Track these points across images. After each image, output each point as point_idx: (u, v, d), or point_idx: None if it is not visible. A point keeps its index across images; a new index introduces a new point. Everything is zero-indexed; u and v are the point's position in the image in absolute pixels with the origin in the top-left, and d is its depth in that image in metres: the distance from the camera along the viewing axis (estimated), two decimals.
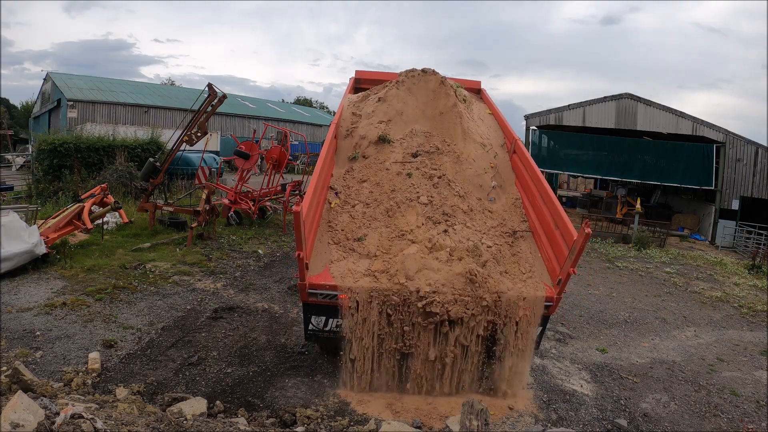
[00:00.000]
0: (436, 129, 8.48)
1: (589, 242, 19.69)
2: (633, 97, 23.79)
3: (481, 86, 11.36)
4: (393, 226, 6.82)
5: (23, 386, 4.64)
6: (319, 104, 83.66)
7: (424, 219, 6.86)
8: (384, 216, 7.02)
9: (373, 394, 6.12)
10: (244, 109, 44.58)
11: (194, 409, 5.13)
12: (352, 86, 10.97)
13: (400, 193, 7.28)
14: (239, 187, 15.47)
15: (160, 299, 8.78)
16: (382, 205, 7.19)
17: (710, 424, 6.38)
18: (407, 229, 6.72)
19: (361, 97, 9.83)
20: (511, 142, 8.69)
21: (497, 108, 10.08)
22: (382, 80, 10.47)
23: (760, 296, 12.99)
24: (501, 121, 9.59)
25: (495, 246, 6.72)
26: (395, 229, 6.76)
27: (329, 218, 7.06)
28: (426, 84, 8.84)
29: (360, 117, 8.87)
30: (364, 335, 5.93)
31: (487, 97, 10.78)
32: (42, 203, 15.43)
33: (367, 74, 11.49)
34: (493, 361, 6.17)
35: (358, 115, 8.95)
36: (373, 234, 6.73)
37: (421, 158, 7.88)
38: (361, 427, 5.39)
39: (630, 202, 24.10)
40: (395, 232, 6.73)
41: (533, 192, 7.37)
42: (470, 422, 3.30)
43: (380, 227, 6.83)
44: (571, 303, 10.90)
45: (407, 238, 6.59)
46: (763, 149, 21.91)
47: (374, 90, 9.78)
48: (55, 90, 35.91)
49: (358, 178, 7.79)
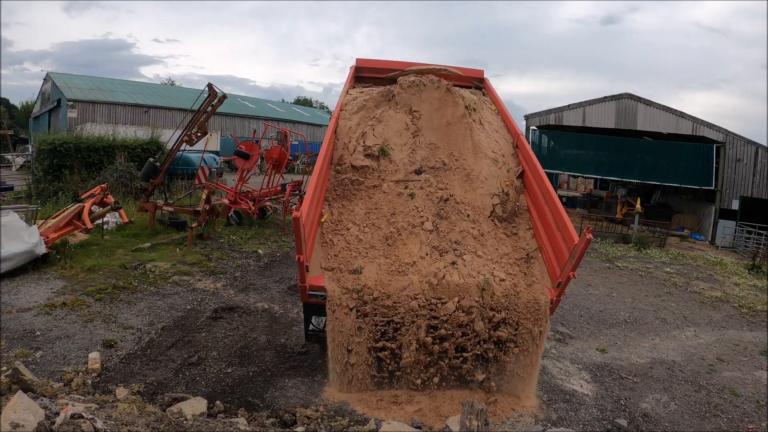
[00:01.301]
0: (443, 141, 7.70)
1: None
2: (633, 97, 23.79)
3: (485, 75, 10.60)
4: (393, 256, 6.26)
5: (23, 386, 4.64)
6: (319, 104, 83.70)
7: (429, 248, 6.31)
8: (383, 244, 6.43)
9: (374, 393, 6.11)
10: (244, 109, 44.58)
11: (194, 409, 5.13)
12: (353, 76, 10.20)
13: (401, 217, 6.67)
14: (239, 187, 15.47)
15: (160, 299, 8.78)
16: (381, 231, 6.58)
17: (710, 424, 6.38)
18: (409, 261, 6.17)
19: (359, 105, 8.68)
20: (515, 138, 8.31)
21: (501, 102, 9.49)
22: (385, 69, 9.96)
23: (760, 296, 12.99)
24: (506, 116, 9.07)
25: (509, 278, 6.19)
26: (395, 261, 6.20)
27: (322, 231, 6.63)
28: (430, 93, 8.01)
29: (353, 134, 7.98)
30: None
31: (491, 89, 10.08)
32: (42, 203, 15.43)
33: (368, 63, 10.54)
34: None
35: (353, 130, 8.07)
36: (371, 267, 6.16)
37: (425, 175, 7.20)
38: (361, 427, 5.39)
39: (630, 202, 24.11)
40: (395, 264, 6.16)
41: (535, 191, 7.19)
42: (470, 422, 3.31)
43: (378, 257, 6.28)
44: (571, 303, 10.90)
45: (409, 273, 6.04)
46: (763, 149, 21.91)
47: (372, 98, 8.86)
48: (55, 90, 35.92)
49: (350, 192, 7.18)
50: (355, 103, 8.75)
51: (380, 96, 8.46)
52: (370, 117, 8.09)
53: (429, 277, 5.96)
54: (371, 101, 8.51)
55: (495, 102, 9.68)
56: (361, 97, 9.00)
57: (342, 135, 7.96)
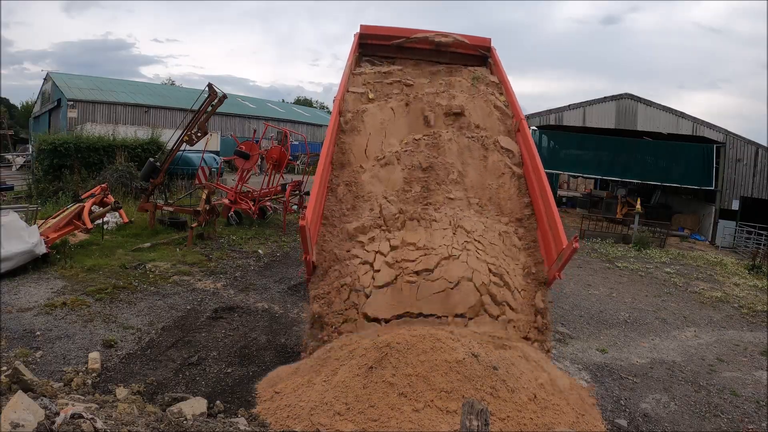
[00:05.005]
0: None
1: (588, 242, 19.42)
2: (633, 97, 23.79)
3: (491, 44, 10.07)
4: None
5: (23, 386, 4.64)
6: (319, 104, 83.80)
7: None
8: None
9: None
10: (244, 109, 44.58)
11: (194, 409, 5.12)
12: (357, 45, 9.72)
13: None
14: (239, 187, 15.47)
15: (160, 299, 8.78)
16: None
17: (710, 424, 6.37)
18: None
19: (358, 97, 8.44)
20: (517, 121, 8.14)
21: (507, 80, 9.11)
22: (390, 36, 9.71)
23: (760, 296, 12.99)
24: (510, 96, 8.72)
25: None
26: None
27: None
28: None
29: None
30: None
31: (498, 61, 9.64)
32: (42, 203, 15.43)
33: (373, 29, 9.99)
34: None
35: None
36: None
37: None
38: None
39: (630, 203, 24.11)
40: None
41: (532, 181, 7.13)
42: (470, 422, 3.30)
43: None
44: (571, 303, 10.90)
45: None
46: (763, 149, 21.90)
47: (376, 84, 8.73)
48: (55, 90, 35.94)
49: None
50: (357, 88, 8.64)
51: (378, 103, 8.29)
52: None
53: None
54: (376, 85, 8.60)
55: (500, 77, 9.34)
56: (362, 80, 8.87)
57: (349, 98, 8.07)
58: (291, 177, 21.02)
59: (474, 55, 10.19)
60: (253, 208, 15.14)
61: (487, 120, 8.35)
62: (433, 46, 9.98)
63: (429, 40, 9.90)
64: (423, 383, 4.72)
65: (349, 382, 4.82)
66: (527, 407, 4.63)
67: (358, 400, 4.66)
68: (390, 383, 4.73)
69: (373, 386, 4.75)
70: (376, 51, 10.15)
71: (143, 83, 48.05)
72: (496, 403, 4.56)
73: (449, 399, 4.62)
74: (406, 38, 9.64)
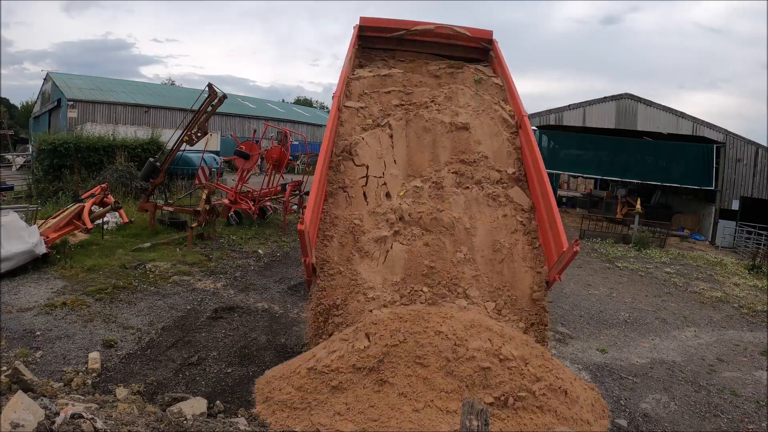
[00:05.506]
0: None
1: (588, 242, 19.34)
2: (633, 97, 23.79)
3: (493, 37, 9.70)
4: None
5: (23, 386, 4.64)
6: (319, 104, 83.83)
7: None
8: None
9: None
10: (244, 109, 44.59)
11: (194, 409, 5.12)
12: (356, 38, 9.40)
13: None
14: (239, 187, 15.47)
15: (160, 299, 8.78)
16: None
17: (710, 424, 6.37)
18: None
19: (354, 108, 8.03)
20: (518, 118, 7.91)
21: (509, 73, 8.80)
22: (390, 29, 9.47)
23: (760, 296, 12.99)
24: (512, 92, 8.45)
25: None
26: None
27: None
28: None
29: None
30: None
31: (500, 55, 9.30)
32: (42, 203, 15.43)
33: (373, 21, 9.64)
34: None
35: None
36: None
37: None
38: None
39: (630, 203, 24.11)
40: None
41: (533, 181, 7.05)
42: (470, 422, 3.30)
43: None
44: (571, 303, 10.90)
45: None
46: (763, 149, 21.90)
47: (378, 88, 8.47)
48: (55, 90, 35.95)
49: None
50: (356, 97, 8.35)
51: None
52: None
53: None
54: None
55: (503, 72, 9.08)
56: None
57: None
58: (291, 177, 21.02)
59: (475, 47, 9.90)
60: (253, 208, 15.14)
61: (493, 141, 7.83)
62: (434, 39, 9.72)
63: (430, 32, 9.62)
64: (423, 383, 4.72)
65: (350, 383, 4.83)
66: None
67: (358, 400, 4.66)
68: (390, 383, 4.74)
69: (373, 386, 4.75)
70: (376, 43, 9.89)
71: (143, 83, 48.08)
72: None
73: (449, 399, 4.62)
74: (407, 30, 9.40)
